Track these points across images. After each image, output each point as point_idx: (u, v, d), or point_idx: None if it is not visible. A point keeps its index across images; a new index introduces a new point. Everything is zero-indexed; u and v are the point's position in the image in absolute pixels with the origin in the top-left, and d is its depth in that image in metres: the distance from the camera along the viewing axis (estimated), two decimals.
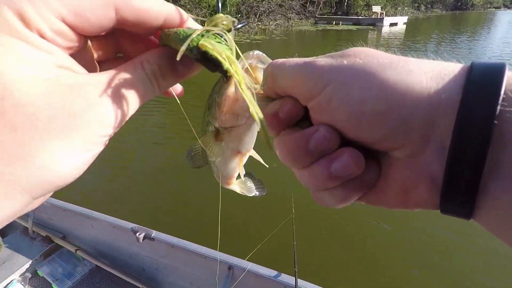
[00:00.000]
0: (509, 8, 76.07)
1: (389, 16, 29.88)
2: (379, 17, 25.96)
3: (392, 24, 25.67)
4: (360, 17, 27.33)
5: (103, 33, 0.24)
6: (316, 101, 0.24)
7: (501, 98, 0.19)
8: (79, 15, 0.21)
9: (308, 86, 0.25)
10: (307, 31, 21.88)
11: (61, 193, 3.58)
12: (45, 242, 2.19)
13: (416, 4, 49.74)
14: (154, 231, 1.78)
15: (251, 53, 0.29)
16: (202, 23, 0.27)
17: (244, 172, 0.37)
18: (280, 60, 0.27)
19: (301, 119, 0.26)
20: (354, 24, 25.93)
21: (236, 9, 20.45)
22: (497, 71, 0.20)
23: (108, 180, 4.03)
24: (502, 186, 0.19)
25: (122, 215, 2.02)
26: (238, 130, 0.32)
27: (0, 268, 1.98)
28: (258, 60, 0.29)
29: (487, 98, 0.19)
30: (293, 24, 24.97)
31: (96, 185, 3.87)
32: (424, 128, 0.21)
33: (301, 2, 26.83)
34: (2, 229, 2.35)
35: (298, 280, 1.42)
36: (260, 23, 22.39)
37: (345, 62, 0.24)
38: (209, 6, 19.56)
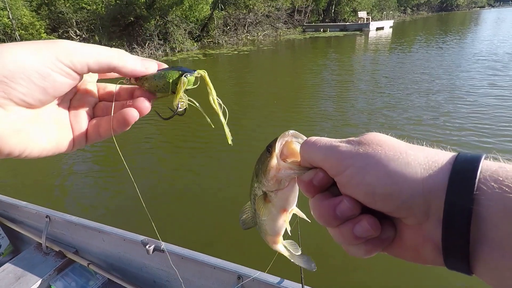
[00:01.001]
0: (493, 6, 78.55)
1: (375, 20, 30.70)
2: (365, 22, 26.62)
3: (378, 28, 26.44)
4: (346, 23, 28.03)
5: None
6: (340, 178, 0.31)
7: (475, 187, 0.25)
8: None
9: (333, 166, 0.31)
10: (295, 40, 22.42)
11: (72, 208, 3.72)
12: (58, 257, 2.26)
13: (402, 8, 51.22)
14: (163, 242, 1.80)
15: (287, 132, 0.37)
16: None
17: (290, 229, 0.43)
18: (313, 139, 0.35)
19: (331, 185, 0.33)
20: (341, 30, 26.66)
21: (223, 22, 20.93)
22: (473, 164, 0.26)
23: (116, 192, 4.20)
24: (489, 253, 0.25)
25: (132, 227, 2.14)
26: (282, 192, 0.38)
27: (15, 284, 2.05)
28: (293, 137, 0.37)
29: (466, 188, 0.25)
30: (281, 33, 25.57)
31: (105, 198, 4.03)
32: (423, 206, 0.27)
33: (287, 12, 27.53)
34: (17, 246, 2.50)
35: (305, 286, 1.47)
36: (248, 34, 22.88)
37: (361, 150, 0.30)
38: (197, 20, 20.00)
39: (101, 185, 4.46)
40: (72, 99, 0.40)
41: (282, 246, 0.46)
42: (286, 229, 0.43)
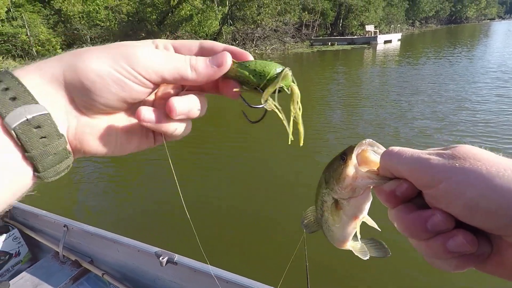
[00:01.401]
0: (503, 18, 78.22)
1: (383, 33, 31.02)
2: (373, 35, 26.92)
3: (386, 41, 26.68)
4: (354, 37, 28.39)
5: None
6: (432, 191, 0.30)
7: None
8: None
9: (424, 179, 0.31)
10: (303, 53, 22.77)
11: (89, 218, 3.83)
12: (74, 266, 2.30)
13: (411, 21, 51.66)
14: (177, 255, 1.81)
15: (364, 141, 0.37)
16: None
17: (359, 236, 0.43)
18: (396, 149, 0.34)
19: (415, 196, 0.32)
20: (349, 43, 26.99)
21: (231, 37, 21.52)
22: None
23: (130, 203, 4.29)
24: None
25: (147, 238, 2.19)
26: (356, 200, 0.38)
27: None
28: (369, 145, 0.37)
29: None
30: (289, 47, 26.02)
31: (121, 209, 4.13)
32: None
33: (295, 26, 28.11)
34: (35, 254, 2.59)
35: None
36: (256, 48, 23.40)
37: (457, 165, 0.29)
38: (207, 35, 20.62)
39: (114, 195, 4.57)
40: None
41: (350, 248, 0.46)
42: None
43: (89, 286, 2.22)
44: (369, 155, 0.37)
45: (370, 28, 29.30)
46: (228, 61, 0.37)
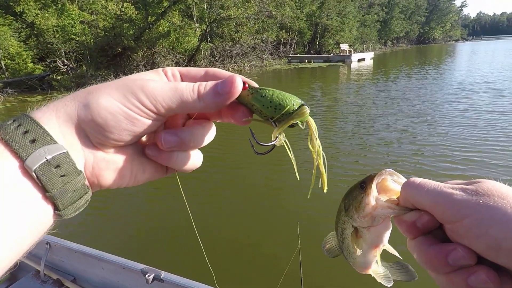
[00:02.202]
0: (467, 40, 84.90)
1: (358, 52, 32.65)
2: (347, 54, 28.26)
3: (360, 60, 28.13)
4: (330, 55, 29.70)
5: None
6: (454, 227, 0.30)
7: None
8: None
9: (447, 214, 0.31)
10: (281, 70, 23.49)
11: (71, 235, 3.74)
12: (55, 286, 2.21)
13: (383, 40, 54.79)
14: (163, 272, 1.78)
15: (384, 171, 0.38)
16: None
17: (380, 264, 0.43)
18: (418, 181, 0.34)
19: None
20: (325, 61, 28.25)
21: (210, 53, 21.88)
22: None
23: (114, 219, 4.22)
24: None
25: (133, 255, 2.19)
26: (375, 229, 0.38)
27: None
28: (389, 175, 0.38)
29: None
30: (267, 64, 26.76)
31: (106, 225, 4.04)
32: None
33: (273, 44, 29.05)
34: (14, 273, 2.55)
35: None
36: (235, 64, 23.87)
37: (481, 201, 0.29)
38: (186, 51, 20.82)
39: (99, 210, 4.47)
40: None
41: (372, 274, 0.46)
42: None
43: None
44: (389, 184, 0.38)
45: (344, 47, 30.87)
46: (238, 87, 0.36)
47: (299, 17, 30.94)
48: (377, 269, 0.45)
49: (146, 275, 1.76)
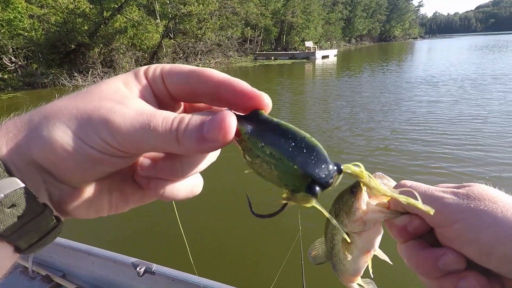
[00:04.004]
0: (424, 38, 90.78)
1: (323, 49, 33.58)
2: (312, 51, 28.98)
3: (324, 57, 29.10)
4: (295, 52, 30.29)
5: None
6: (444, 231, 0.30)
7: None
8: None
9: (437, 218, 0.30)
10: (248, 67, 23.73)
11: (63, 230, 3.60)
12: (45, 282, 2.18)
13: (347, 38, 56.83)
14: (155, 264, 1.79)
15: (373, 174, 0.36)
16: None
17: (371, 270, 0.42)
18: (409, 183, 0.35)
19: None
20: (290, 58, 28.87)
21: (173, 50, 21.41)
22: None
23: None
24: None
25: (123, 249, 2.21)
26: (366, 234, 0.38)
27: None
28: (379, 179, 0.37)
29: None
30: (233, 61, 26.73)
31: (96, 219, 3.93)
32: None
33: (238, 41, 29.02)
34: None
35: None
36: (200, 62, 23.57)
37: (472, 205, 0.29)
38: (147, 48, 20.18)
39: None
40: None
41: (356, 286, 0.46)
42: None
43: None
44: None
45: (309, 44, 31.73)
46: (229, 132, 0.26)
47: (264, 14, 31.21)
48: (365, 283, 0.46)
49: (137, 268, 1.76)
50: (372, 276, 0.42)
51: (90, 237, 3.51)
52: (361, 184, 0.35)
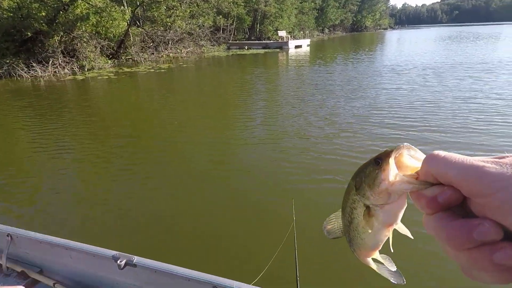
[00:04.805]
0: (394, 29, 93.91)
1: (297, 39, 33.77)
2: (285, 40, 29.07)
3: (297, 46, 29.35)
4: (268, 42, 30.25)
5: None
6: (483, 201, 0.29)
7: None
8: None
9: (477, 187, 0.29)
10: (221, 57, 23.54)
11: (35, 225, 3.60)
12: (20, 278, 2.11)
13: (321, 28, 57.47)
14: (136, 257, 1.76)
15: (402, 145, 0.36)
16: None
17: (392, 245, 0.41)
18: (443, 154, 0.33)
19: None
20: (264, 48, 28.89)
21: (141, 39, 20.61)
22: None
23: (83, 205, 4.01)
24: None
25: (103, 242, 2.10)
26: (390, 207, 0.37)
27: None
28: (406, 149, 0.36)
29: None
30: (206, 51, 26.25)
31: (73, 212, 3.85)
32: None
33: (210, 30, 28.46)
34: None
35: None
36: (170, 51, 22.91)
37: None
38: (114, 36, 19.26)
39: (65, 196, 4.27)
40: None
41: (371, 260, 0.45)
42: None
43: None
44: (405, 159, 0.37)
45: (282, 33, 31.79)
46: None
47: (236, 3, 30.73)
48: (383, 259, 0.46)
49: (118, 261, 1.73)
50: (392, 251, 0.42)
51: (65, 232, 3.41)
52: (390, 154, 0.36)
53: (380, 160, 0.36)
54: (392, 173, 0.36)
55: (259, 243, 3.11)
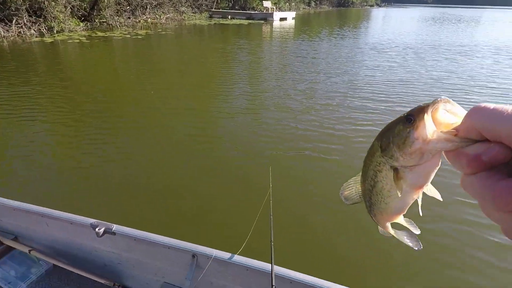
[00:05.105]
0: (380, 6, 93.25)
1: (282, 11, 32.75)
2: (270, 12, 28.17)
3: (282, 19, 28.59)
4: (252, 12, 29.19)
5: None
6: None
7: None
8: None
9: None
10: (203, 25, 22.64)
11: (9, 192, 3.46)
12: None
13: (307, 1, 55.85)
14: (115, 225, 1.74)
15: (439, 98, 0.32)
16: None
17: (421, 208, 0.38)
18: (491, 106, 0.28)
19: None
20: (248, 18, 27.87)
21: (116, 1, 19.23)
22: None
23: (59, 173, 3.91)
24: None
25: (81, 210, 2.08)
26: (422, 167, 0.34)
27: None
28: (443, 103, 0.32)
29: None
30: (186, 18, 25.02)
31: (50, 181, 3.75)
32: None
33: None
34: None
35: (273, 264, 1.48)
36: (148, 16, 21.61)
37: None
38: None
39: (40, 161, 4.12)
40: None
41: (389, 225, 0.43)
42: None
43: (14, 264, 2.09)
44: (439, 115, 0.32)
45: (267, 4, 30.61)
46: None
47: None
48: (407, 222, 0.44)
49: (97, 229, 1.70)
50: (421, 214, 0.39)
51: (40, 199, 3.32)
52: (425, 110, 0.32)
53: (412, 117, 0.33)
54: (429, 130, 0.32)
55: (238, 211, 3.15)
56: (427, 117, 0.32)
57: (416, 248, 0.43)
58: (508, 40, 17.46)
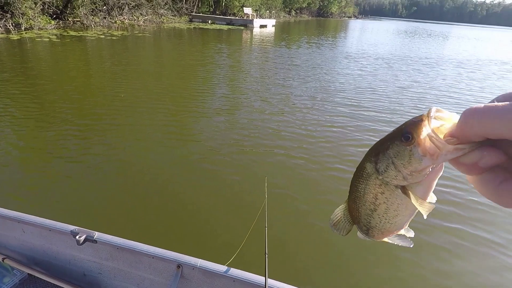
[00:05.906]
0: (358, 18, 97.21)
1: (262, 18, 33.30)
2: (250, 18, 28.56)
3: (262, 26, 28.99)
4: (233, 18, 29.48)
5: None
6: None
7: None
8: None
9: None
10: (182, 29, 22.51)
11: None
12: None
13: (288, 9, 57.15)
14: (97, 232, 1.67)
15: (430, 109, 0.31)
16: None
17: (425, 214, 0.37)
18: (482, 106, 0.27)
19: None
20: (228, 24, 28.05)
21: (91, 1, 18.74)
22: None
23: (41, 177, 3.71)
24: None
25: (60, 217, 1.95)
26: (428, 178, 0.33)
27: None
28: (436, 113, 0.31)
29: None
30: (165, 21, 24.83)
31: (28, 184, 3.56)
32: None
33: None
34: None
35: (262, 275, 1.45)
36: (125, 17, 21.24)
37: None
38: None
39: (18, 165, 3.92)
40: None
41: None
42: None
43: None
44: (434, 126, 0.32)
45: (248, 10, 31.03)
46: None
47: None
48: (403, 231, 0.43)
49: (77, 236, 1.64)
50: (425, 218, 0.38)
51: (11, 204, 3.11)
52: (422, 123, 0.31)
53: (409, 135, 0.31)
54: (435, 144, 0.30)
55: (229, 221, 3.07)
56: (428, 131, 0.31)
57: (410, 246, 0.42)
58: (470, 55, 19.02)
